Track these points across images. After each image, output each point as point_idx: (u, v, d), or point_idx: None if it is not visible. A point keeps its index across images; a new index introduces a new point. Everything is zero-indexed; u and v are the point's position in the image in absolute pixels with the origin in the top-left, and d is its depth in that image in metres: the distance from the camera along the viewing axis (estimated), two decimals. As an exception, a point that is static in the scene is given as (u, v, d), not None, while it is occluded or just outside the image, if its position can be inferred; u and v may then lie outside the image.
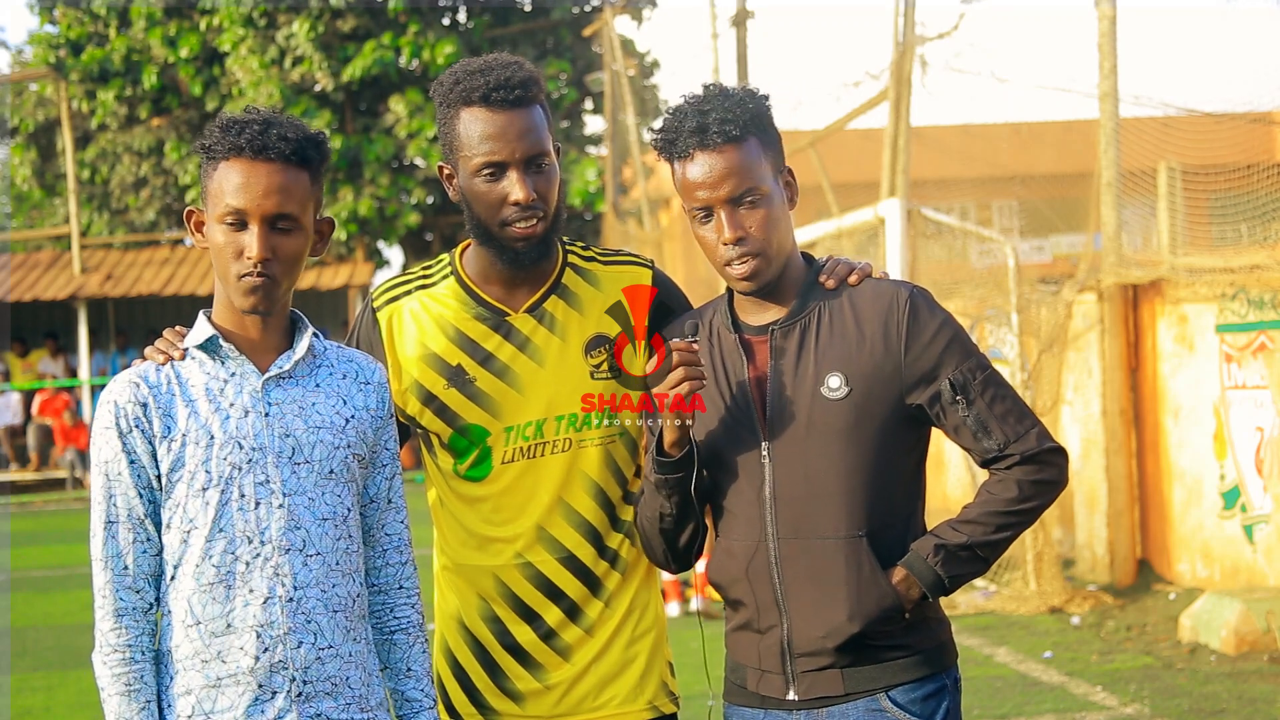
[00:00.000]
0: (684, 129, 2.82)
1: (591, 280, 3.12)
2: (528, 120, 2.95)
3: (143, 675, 2.63)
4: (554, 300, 3.08)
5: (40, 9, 25.84)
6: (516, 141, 2.93)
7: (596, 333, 3.09)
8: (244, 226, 2.65)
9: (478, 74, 2.95)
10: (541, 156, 2.96)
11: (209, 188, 2.68)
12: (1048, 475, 2.83)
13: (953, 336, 2.82)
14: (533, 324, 3.06)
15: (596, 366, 3.07)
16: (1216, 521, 9.29)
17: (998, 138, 17.77)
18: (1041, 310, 10.10)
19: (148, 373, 2.68)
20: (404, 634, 2.86)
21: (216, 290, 2.74)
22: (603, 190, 23.87)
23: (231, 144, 2.65)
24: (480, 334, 3.06)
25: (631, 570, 3.11)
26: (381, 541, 2.84)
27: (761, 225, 2.81)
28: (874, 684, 2.81)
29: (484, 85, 2.93)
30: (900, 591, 2.79)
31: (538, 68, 3.05)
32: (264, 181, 2.64)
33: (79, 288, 22.65)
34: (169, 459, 2.64)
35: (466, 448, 3.06)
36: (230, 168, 2.65)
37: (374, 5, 23.25)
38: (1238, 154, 10.37)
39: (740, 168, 2.80)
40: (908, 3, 11.59)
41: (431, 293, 3.10)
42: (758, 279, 2.83)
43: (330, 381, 2.78)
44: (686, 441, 2.82)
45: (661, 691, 3.13)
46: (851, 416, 2.78)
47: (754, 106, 2.84)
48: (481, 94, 2.93)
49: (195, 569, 2.64)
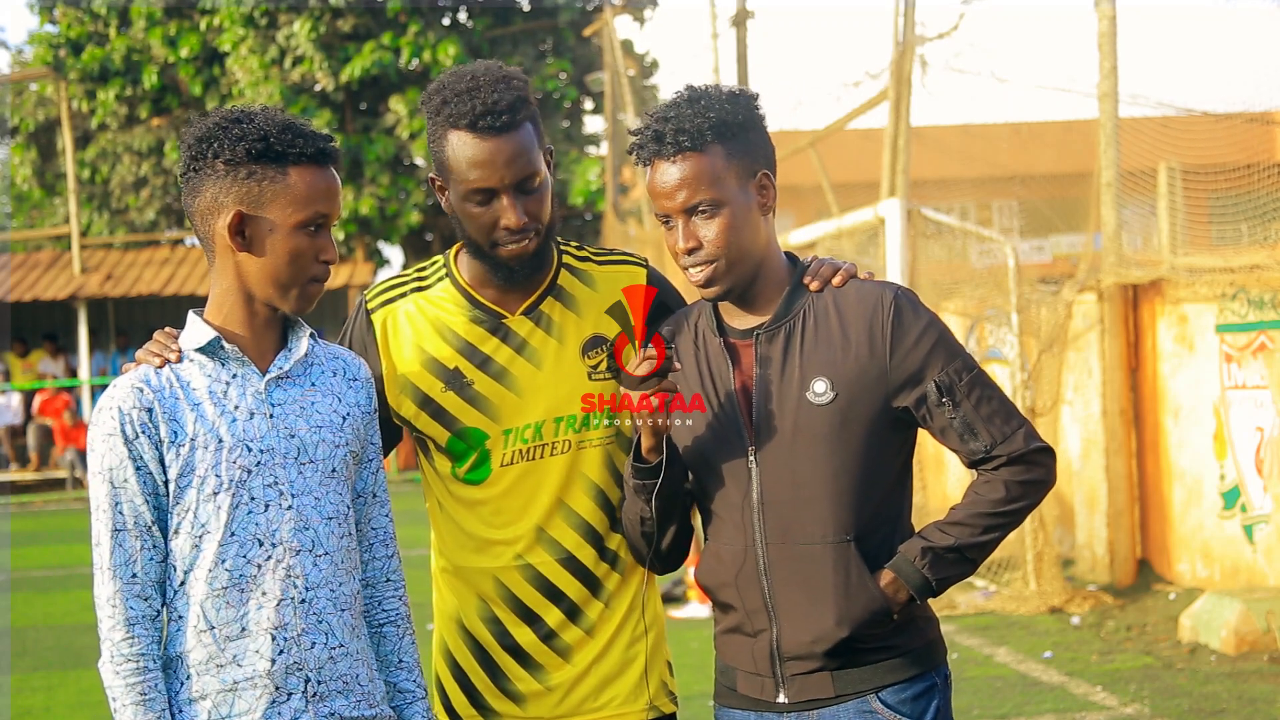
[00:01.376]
0: (646, 137, 2.82)
1: (587, 281, 3.12)
2: (516, 145, 2.91)
3: (156, 684, 2.62)
4: (550, 302, 3.07)
5: (40, 9, 25.85)
6: (505, 168, 2.90)
7: (594, 333, 3.08)
8: (320, 231, 2.69)
9: (465, 96, 2.91)
10: (531, 178, 2.93)
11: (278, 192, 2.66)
12: (1035, 475, 2.82)
13: (938, 338, 2.80)
14: (529, 326, 3.06)
15: (594, 367, 3.07)
16: (1216, 521, 9.29)
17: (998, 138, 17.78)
18: (1041, 310, 10.10)
19: (149, 377, 2.66)
20: (393, 626, 2.87)
21: (222, 289, 2.71)
22: (603, 190, 23.88)
23: (311, 149, 2.67)
24: (477, 337, 3.05)
25: (631, 571, 3.11)
26: (369, 535, 2.85)
27: (719, 234, 2.78)
28: (864, 685, 2.81)
29: (470, 111, 2.89)
30: (888, 595, 2.78)
31: (527, 78, 2.99)
32: (338, 185, 2.72)
33: (79, 288, 22.65)
34: (178, 464, 2.63)
35: (464, 451, 3.05)
36: (312, 174, 2.67)
37: (374, 5, 23.25)
38: (1238, 154, 10.36)
39: (694, 178, 2.77)
40: (908, 3, 11.59)
41: (427, 295, 3.10)
42: (714, 286, 2.82)
43: (324, 380, 2.78)
44: (662, 449, 2.82)
45: (661, 691, 3.13)
46: (837, 421, 2.77)
47: (720, 113, 2.79)
48: (469, 121, 2.89)
49: (208, 574, 2.63)
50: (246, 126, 2.65)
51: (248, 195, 2.65)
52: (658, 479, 2.83)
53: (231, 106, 2.72)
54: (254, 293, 2.69)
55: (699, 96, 2.82)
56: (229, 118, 2.68)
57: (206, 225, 2.69)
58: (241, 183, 2.65)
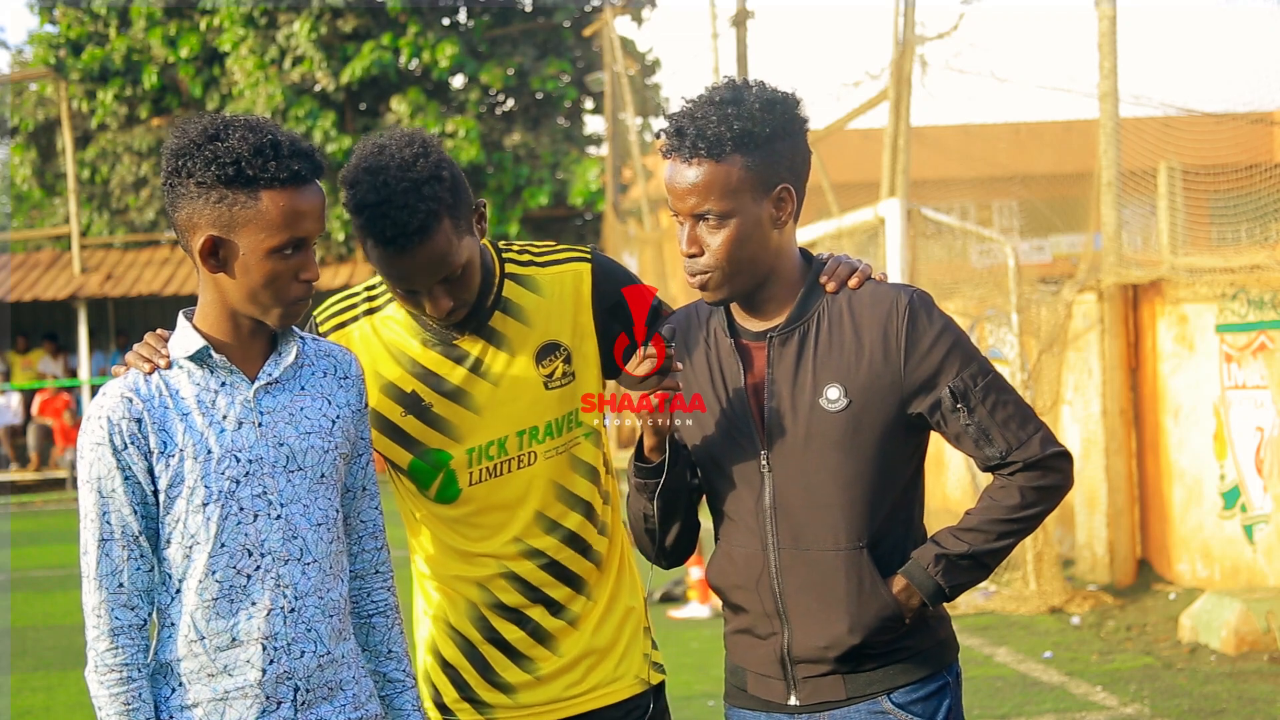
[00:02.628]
0: (670, 129, 2.76)
1: (532, 287, 3.10)
2: (430, 254, 2.87)
3: (140, 693, 2.62)
4: (498, 316, 3.06)
5: (40, 9, 25.85)
6: (424, 275, 2.89)
7: (544, 341, 3.08)
8: (298, 251, 2.63)
9: (376, 211, 2.84)
10: (452, 272, 2.91)
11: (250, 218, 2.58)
12: (1051, 481, 2.78)
13: (953, 343, 2.76)
14: (481, 344, 3.05)
15: (549, 375, 3.07)
16: (1216, 521, 9.29)
17: (997, 138, 17.80)
18: (1041, 310, 10.10)
19: (138, 385, 2.64)
20: (382, 617, 2.87)
21: (209, 301, 2.68)
22: (603, 190, 23.88)
23: (284, 173, 2.59)
24: (432, 361, 3.05)
25: (608, 561, 3.16)
26: (358, 529, 2.85)
27: (722, 245, 2.74)
28: (875, 687, 2.80)
29: (382, 233, 2.84)
30: (900, 601, 2.76)
31: (438, 157, 2.91)
32: (317, 203, 2.64)
33: (79, 288, 22.64)
34: (167, 475, 2.61)
35: (428, 473, 3.06)
36: (285, 197, 2.59)
37: (374, 5, 23.25)
38: (1238, 154, 10.37)
39: (705, 187, 2.71)
40: (908, 3, 11.59)
41: (380, 317, 3.09)
42: (714, 293, 2.79)
43: (314, 382, 2.77)
44: (664, 448, 2.80)
45: (645, 664, 3.17)
46: (850, 428, 2.74)
47: (747, 123, 2.70)
48: (382, 239, 2.85)
49: (199, 584, 2.63)
50: (220, 146, 2.57)
51: (219, 219, 2.59)
52: (660, 479, 2.82)
53: (212, 118, 2.64)
54: (236, 309, 2.66)
55: (732, 100, 2.72)
56: (205, 134, 2.60)
57: (184, 241, 2.66)
58: (214, 206, 2.59)
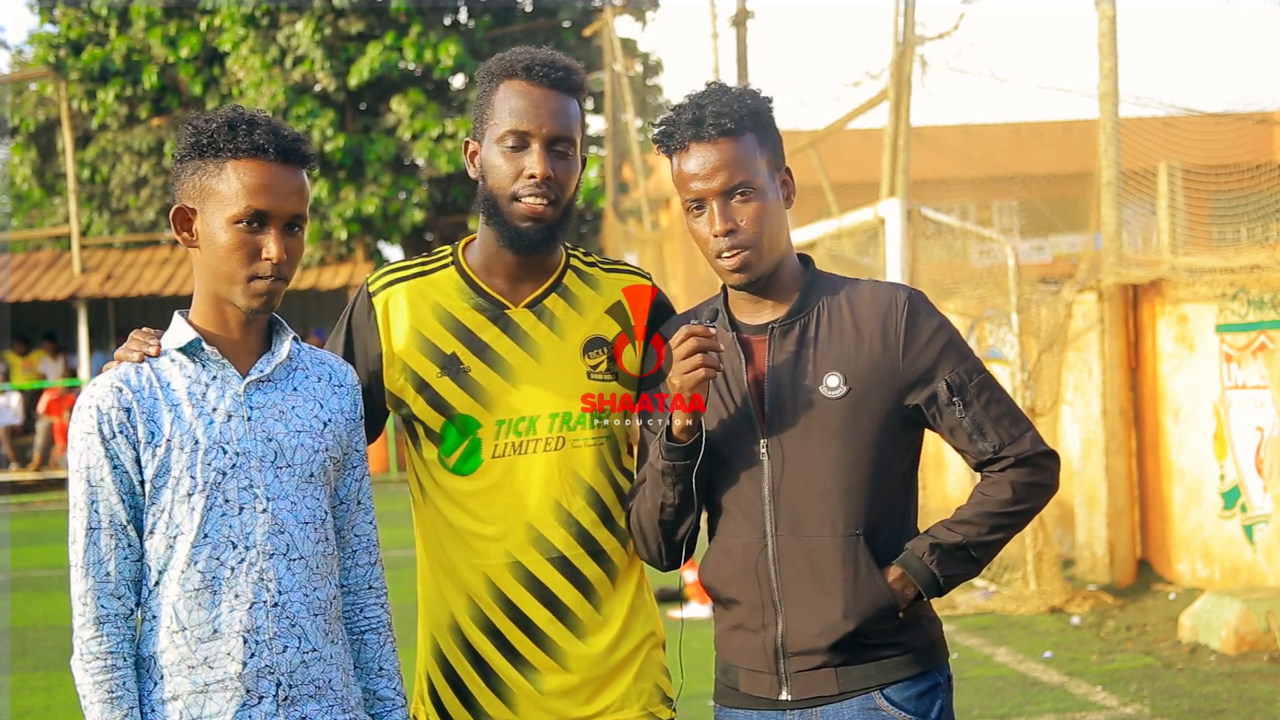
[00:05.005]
0: (681, 122, 2.85)
1: (592, 284, 3.12)
2: (562, 103, 2.98)
3: (124, 682, 2.62)
4: (554, 298, 3.07)
5: (40, 9, 25.83)
6: (547, 118, 2.96)
7: (595, 334, 3.08)
8: (262, 228, 2.64)
9: (527, 52, 3.01)
10: (567, 142, 2.98)
11: (215, 187, 2.64)
12: (1040, 479, 2.86)
13: (950, 339, 2.85)
14: (532, 319, 3.05)
15: (594, 367, 3.06)
16: (1216, 521, 9.29)
17: (997, 138, 17.82)
18: (1041, 310, 10.11)
19: (129, 376, 2.65)
20: (374, 634, 2.87)
21: (198, 291, 2.72)
22: (603, 190, 23.89)
23: (247, 144, 2.63)
24: (477, 324, 3.04)
25: (624, 576, 3.09)
26: (351, 543, 2.85)
27: (753, 219, 2.83)
28: (868, 682, 2.82)
29: (529, 60, 2.98)
30: (896, 590, 2.81)
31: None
32: (286, 182, 2.65)
33: (79, 288, 22.64)
34: (154, 465, 2.62)
35: (456, 439, 3.04)
36: (247, 168, 2.63)
37: (376, 5, 23.25)
38: (1238, 154, 10.38)
39: (734, 161, 2.82)
40: (908, 3, 11.59)
41: (429, 280, 3.09)
42: (748, 271, 2.84)
43: (306, 385, 2.77)
44: (697, 428, 2.83)
45: (656, 696, 3.10)
46: (850, 416, 2.80)
47: (752, 103, 2.87)
48: (525, 66, 2.97)
49: (181, 575, 2.63)
50: (201, 124, 2.66)
51: (191, 190, 2.67)
52: (689, 460, 2.83)
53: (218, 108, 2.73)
54: (214, 290, 2.69)
55: (727, 88, 2.89)
56: (199, 115, 2.70)
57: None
58: (189, 178, 2.67)
